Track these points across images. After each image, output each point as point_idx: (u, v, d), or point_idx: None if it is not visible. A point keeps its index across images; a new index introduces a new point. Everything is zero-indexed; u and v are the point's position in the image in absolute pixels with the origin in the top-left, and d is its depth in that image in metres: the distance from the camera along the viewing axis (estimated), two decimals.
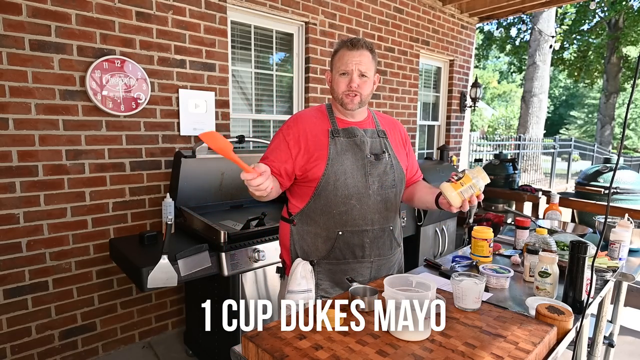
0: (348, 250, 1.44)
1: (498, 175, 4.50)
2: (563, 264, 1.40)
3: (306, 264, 1.43)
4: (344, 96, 1.40)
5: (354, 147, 1.42)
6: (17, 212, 2.09)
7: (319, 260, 1.44)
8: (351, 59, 1.37)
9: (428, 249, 3.81)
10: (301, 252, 1.48)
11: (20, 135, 2.05)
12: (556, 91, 27.42)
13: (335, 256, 1.44)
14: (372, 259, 1.46)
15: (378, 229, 1.46)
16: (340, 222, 1.41)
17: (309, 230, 1.46)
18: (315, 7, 3.27)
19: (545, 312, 1.06)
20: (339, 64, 1.40)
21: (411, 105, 4.33)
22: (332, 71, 1.47)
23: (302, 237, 1.47)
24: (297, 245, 1.48)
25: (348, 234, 1.42)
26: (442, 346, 0.92)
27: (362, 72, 1.39)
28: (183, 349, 2.55)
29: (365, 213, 1.42)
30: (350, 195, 1.40)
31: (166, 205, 2.22)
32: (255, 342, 0.93)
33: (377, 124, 1.55)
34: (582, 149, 12.49)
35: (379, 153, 1.46)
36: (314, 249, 1.45)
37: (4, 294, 2.10)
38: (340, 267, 1.44)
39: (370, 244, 1.45)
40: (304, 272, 1.41)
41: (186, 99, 2.59)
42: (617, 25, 13.11)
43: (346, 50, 1.39)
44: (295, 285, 1.40)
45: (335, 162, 1.39)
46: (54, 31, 2.09)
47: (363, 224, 1.43)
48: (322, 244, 1.44)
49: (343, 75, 1.39)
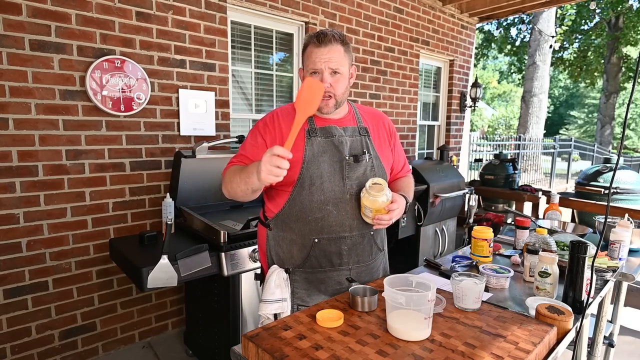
0: (325, 258, 1.35)
1: (498, 175, 4.51)
2: (563, 264, 1.40)
3: (281, 272, 1.36)
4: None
5: (331, 148, 1.32)
6: (17, 212, 2.09)
7: (294, 269, 1.36)
8: (319, 57, 1.25)
9: (428, 249, 3.81)
10: (277, 259, 1.40)
11: (20, 135, 2.05)
12: (556, 91, 27.42)
13: (311, 265, 1.35)
14: (350, 266, 1.38)
15: (357, 235, 1.37)
16: (316, 229, 1.32)
17: (284, 237, 1.37)
18: (315, 7, 3.27)
19: (545, 312, 1.06)
20: (308, 62, 1.29)
21: (411, 105, 4.33)
22: (304, 70, 1.34)
23: (277, 243, 1.39)
24: (272, 251, 1.41)
25: (324, 241, 1.33)
26: (442, 346, 0.92)
27: (334, 69, 1.27)
28: (183, 349, 2.55)
29: (342, 219, 1.32)
30: (327, 201, 1.30)
31: (166, 205, 2.22)
32: (255, 342, 0.93)
33: (359, 120, 1.43)
34: (582, 149, 12.49)
35: (359, 154, 1.35)
36: (289, 257, 1.37)
37: (4, 294, 2.10)
38: (317, 276, 1.36)
39: (349, 251, 1.36)
40: (279, 281, 1.35)
41: (186, 99, 2.59)
42: (617, 25, 13.11)
43: (313, 47, 1.27)
44: (269, 294, 1.34)
45: (311, 164, 1.29)
46: (54, 31, 2.09)
47: (340, 230, 1.33)
48: (297, 251, 1.35)
49: (314, 75, 1.28)
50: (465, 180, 4.76)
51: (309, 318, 1.05)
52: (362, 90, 3.76)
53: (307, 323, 1.02)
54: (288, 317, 1.06)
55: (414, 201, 3.60)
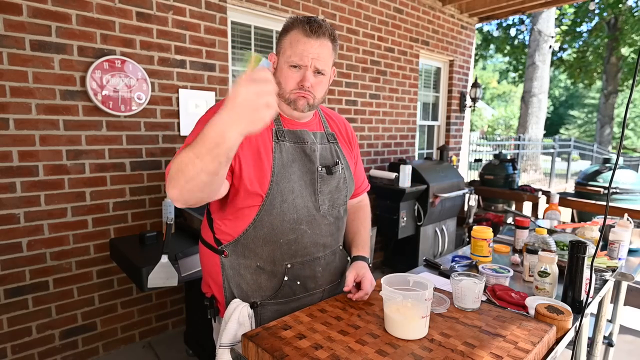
0: (298, 285, 1.17)
1: (498, 175, 4.51)
2: (562, 263, 1.40)
3: (245, 308, 1.11)
4: (293, 94, 1.08)
5: (301, 157, 1.14)
6: (18, 212, 2.09)
7: (262, 300, 1.14)
8: (308, 51, 1.04)
9: (428, 248, 3.82)
10: (238, 292, 1.14)
11: (21, 135, 2.06)
12: (556, 91, 27.43)
13: (284, 294, 1.15)
14: (324, 287, 1.23)
15: (330, 253, 1.22)
16: (288, 253, 1.13)
17: (247, 265, 1.13)
18: (315, 7, 3.27)
19: (544, 311, 1.07)
20: (290, 53, 1.05)
21: (411, 106, 4.33)
22: (278, 56, 1.10)
23: (237, 272, 1.14)
24: (231, 281, 1.14)
25: (298, 265, 1.15)
26: (441, 346, 0.93)
27: (319, 69, 1.08)
28: (183, 348, 2.55)
29: (316, 238, 1.16)
30: (300, 220, 1.12)
31: (166, 205, 2.22)
32: (255, 342, 0.93)
33: (326, 125, 1.26)
34: (582, 148, 12.49)
35: (331, 165, 1.19)
36: (255, 288, 1.14)
37: (5, 293, 2.10)
38: (290, 306, 1.17)
39: (322, 272, 1.20)
40: (243, 319, 1.09)
41: (186, 99, 2.59)
42: (616, 25, 13.12)
43: (303, 35, 1.05)
44: (231, 336, 1.08)
45: (282, 177, 1.08)
46: (55, 31, 2.09)
47: (315, 251, 1.17)
48: (266, 281, 1.14)
49: (294, 69, 1.06)
50: (465, 180, 4.77)
51: (309, 317, 1.05)
52: (362, 91, 3.76)
53: (307, 323, 1.03)
54: (288, 316, 1.06)
55: (413, 201, 3.61)
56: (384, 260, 4.08)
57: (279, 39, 1.12)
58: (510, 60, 15.97)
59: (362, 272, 1.16)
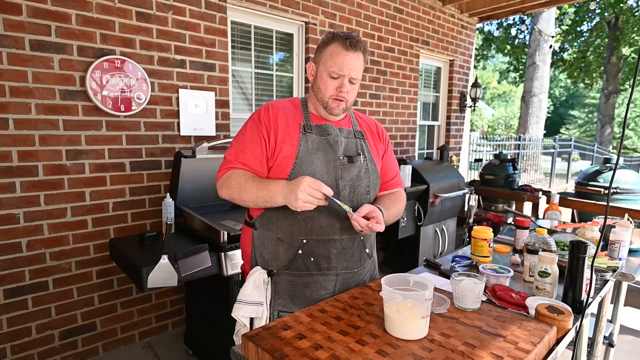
0: (312, 260, 1.28)
1: (498, 175, 4.51)
2: (563, 263, 1.40)
3: (262, 274, 1.30)
4: (331, 100, 1.27)
5: (325, 147, 1.28)
6: (18, 212, 2.09)
7: (278, 270, 1.29)
8: (347, 63, 1.23)
9: (428, 248, 3.81)
10: (261, 260, 1.33)
11: (21, 135, 2.06)
12: (556, 91, 27.43)
13: (297, 267, 1.28)
14: (338, 271, 1.31)
15: (347, 239, 1.30)
16: (305, 229, 1.26)
17: (270, 236, 1.30)
18: (315, 7, 3.27)
19: (544, 311, 1.06)
20: (331, 63, 1.24)
21: (411, 105, 4.33)
22: (318, 65, 1.29)
23: (262, 243, 1.32)
24: (257, 251, 1.34)
25: (313, 242, 1.27)
26: (441, 346, 0.92)
27: (353, 79, 1.26)
28: (183, 348, 2.55)
29: (333, 221, 1.26)
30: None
31: (166, 205, 2.22)
32: (255, 342, 0.93)
33: (355, 124, 1.41)
34: (582, 148, 12.49)
35: (353, 155, 1.31)
36: (274, 257, 1.30)
37: (4, 294, 2.10)
38: (302, 280, 1.29)
39: (337, 255, 1.30)
40: (258, 282, 1.28)
41: (186, 99, 2.59)
42: (616, 25, 13.12)
43: (342, 49, 1.23)
44: (246, 295, 1.28)
45: (304, 161, 1.24)
46: (54, 31, 2.09)
47: (331, 232, 1.27)
48: (283, 252, 1.29)
49: (332, 80, 1.25)
50: (465, 180, 4.77)
51: (309, 318, 1.05)
52: (362, 91, 3.76)
53: (307, 323, 1.02)
54: (288, 316, 1.06)
55: (413, 201, 3.60)
56: (384, 260, 4.08)
57: (318, 49, 1.30)
58: (510, 60, 15.97)
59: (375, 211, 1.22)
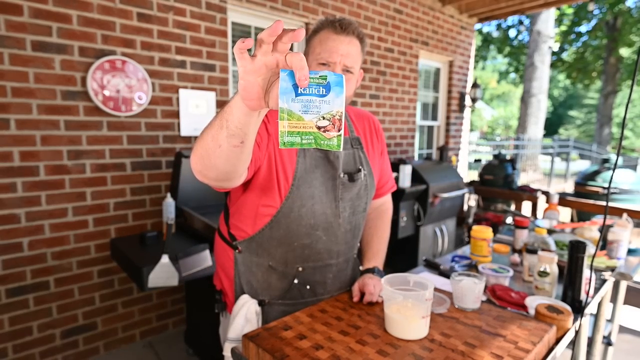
0: (308, 289, 1.19)
1: (497, 175, 4.52)
2: (562, 263, 1.41)
3: (253, 305, 1.14)
4: None
5: (324, 163, 1.13)
6: (19, 211, 2.09)
7: (271, 300, 1.17)
8: (337, 47, 1.06)
9: (427, 248, 3.82)
10: (248, 288, 1.18)
11: (22, 136, 2.06)
12: (555, 91, 27.44)
13: (292, 296, 1.18)
14: (332, 294, 1.24)
15: (342, 261, 1.23)
16: (301, 257, 1.15)
17: (259, 263, 1.16)
18: (315, 8, 3.27)
19: (544, 311, 1.07)
20: (320, 50, 1.07)
21: (411, 106, 4.34)
22: (307, 57, 1.11)
23: (249, 269, 1.17)
24: (242, 278, 1.18)
25: (309, 270, 1.17)
26: (442, 346, 0.93)
27: (348, 67, 1.08)
28: (184, 348, 2.55)
29: (331, 245, 1.17)
30: (317, 225, 1.13)
31: (167, 205, 2.23)
32: (255, 342, 0.93)
33: (351, 129, 1.24)
34: (581, 149, 12.51)
35: (353, 172, 1.17)
36: (265, 287, 1.17)
37: (6, 293, 2.10)
38: (297, 308, 1.18)
39: (333, 280, 1.22)
40: (250, 315, 1.13)
41: (187, 99, 2.59)
42: (615, 26, 13.14)
43: (332, 33, 1.07)
44: (238, 331, 1.11)
45: (303, 182, 1.09)
46: (55, 32, 2.09)
47: (328, 257, 1.18)
48: (276, 280, 1.16)
49: (322, 67, 1.07)
50: (465, 180, 4.78)
51: (309, 318, 1.06)
52: (362, 91, 3.77)
53: (308, 323, 1.03)
54: (288, 317, 1.06)
55: (413, 201, 3.61)
56: (384, 260, 4.08)
57: (308, 39, 1.13)
58: (510, 61, 15.98)
59: (365, 282, 1.17)
